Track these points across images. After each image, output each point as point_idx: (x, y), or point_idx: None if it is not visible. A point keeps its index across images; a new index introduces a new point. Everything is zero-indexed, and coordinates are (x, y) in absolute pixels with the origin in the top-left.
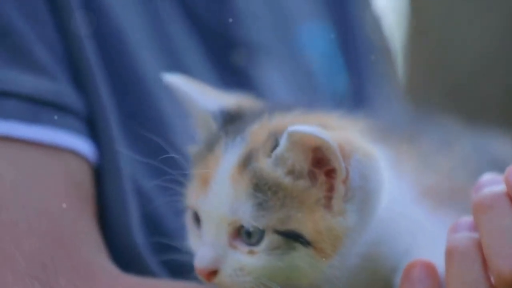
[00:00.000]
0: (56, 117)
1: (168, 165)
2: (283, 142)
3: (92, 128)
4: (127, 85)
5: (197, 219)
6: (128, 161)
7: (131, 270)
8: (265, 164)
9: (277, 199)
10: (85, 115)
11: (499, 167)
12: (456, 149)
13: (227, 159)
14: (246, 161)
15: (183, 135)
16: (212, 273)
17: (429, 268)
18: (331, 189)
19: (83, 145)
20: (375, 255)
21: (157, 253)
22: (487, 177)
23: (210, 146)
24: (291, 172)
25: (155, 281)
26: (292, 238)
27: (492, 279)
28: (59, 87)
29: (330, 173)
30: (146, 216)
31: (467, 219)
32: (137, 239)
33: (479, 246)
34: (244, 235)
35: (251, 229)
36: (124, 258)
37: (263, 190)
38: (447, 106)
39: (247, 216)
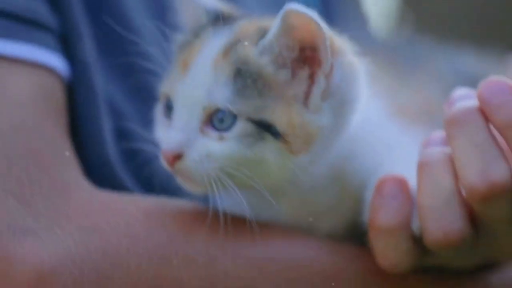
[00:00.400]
0: (29, 33)
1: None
2: (276, 22)
3: (65, 44)
4: (101, 1)
5: (169, 109)
6: (101, 77)
7: (105, 186)
8: (250, 50)
9: (255, 87)
10: (58, 31)
11: (473, 84)
12: (430, 66)
13: (211, 45)
14: (231, 48)
15: (157, 48)
16: (177, 158)
17: (401, 183)
18: (311, 85)
19: (56, 61)
20: (345, 171)
21: (129, 163)
22: (459, 91)
23: (196, 34)
24: (275, 62)
25: (129, 196)
26: (264, 128)
27: (463, 192)
28: (32, 4)
29: (314, 67)
30: (120, 133)
31: (440, 133)
32: (111, 155)
33: (450, 160)
34: (216, 121)
35: (224, 115)
36: (98, 174)
37: (244, 77)
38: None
39: (224, 100)
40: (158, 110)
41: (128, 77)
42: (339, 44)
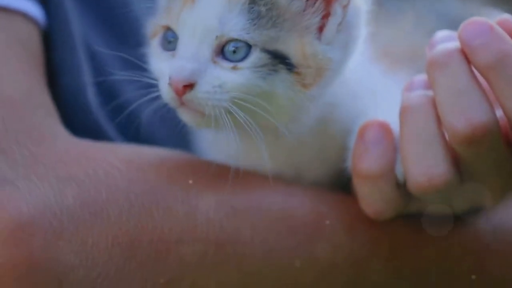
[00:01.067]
0: None
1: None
2: None
3: None
4: None
5: (169, 42)
6: (79, 24)
7: (86, 135)
8: None
9: (270, 17)
10: None
11: (457, 27)
12: (413, 9)
13: None
14: None
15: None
16: (188, 87)
17: (384, 128)
18: (325, 17)
19: (32, 8)
20: (331, 116)
21: (112, 118)
22: (441, 33)
23: None
24: None
25: (109, 145)
26: (279, 59)
27: (446, 135)
28: None
29: (330, 0)
30: (100, 82)
31: (422, 77)
32: (91, 102)
33: (433, 103)
34: (228, 52)
35: (238, 45)
36: (79, 123)
37: (258, 5)
38: None
39: (239, 29)
40: (154, 45)
41: (108, 24)
42: None
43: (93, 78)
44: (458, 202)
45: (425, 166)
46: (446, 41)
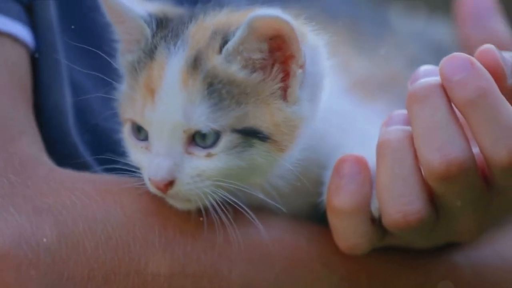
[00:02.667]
0: None
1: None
2: (241, 31)
3: (31, 16)
4: None
5: (139, 130)
6: (65, 52)
7: (65, 161)
8: (217, 62)
9: (232, 97)
10: (25, 2)
11: (439, 53)
12: (394, 34)
13: (172, 65)
14: (195, 63)
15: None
16: (169, 184)
17: (360, 163)
18: (285, 78)
19: (22, 31)
20: (306, 155)
21: (93, 152)
22: (424, 67)
23: (150, 53)
24: (245, 66)
25: (88, 175)
26: (251, 135)
27: (422, 172)
28: None
29: (285, 60)
30: (79, 109)
31: (401, 112)
32: (72, 129)
33: (411, 139)
34: (199, 139)
35: (207, 132)
36: (59, 149)
37: (218, 90)
38: None
39: (204, 119)
40: (126, 133)
41: (89, 53)
42: (301, 30)
43: (73, 104)
44: (433, 238)
45: (401, 203)
46: (428, 75)
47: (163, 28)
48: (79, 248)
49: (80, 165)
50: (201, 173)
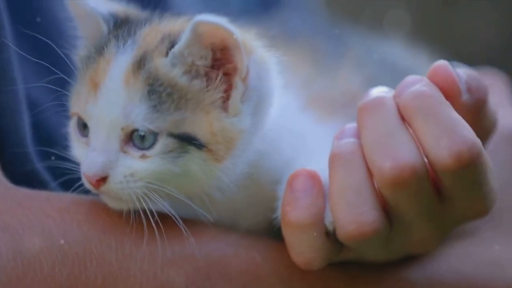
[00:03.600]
0: None
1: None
2: (186, 34)
3: None
4: None
5: (84, 126)
6: (19, 65)
7: (23, 180)
8: (161, 64)
9: (171, 101)
10: None
11: (395, 72)
12: (352, 54)
13: (118, 62)
14: (140, 63)
15: (71, 40)
16: (101, 180)
17: (313, 177)
18: (228, 89)
19: None
20: (259, 167)
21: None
22: (377, 88)
23: (100, 50)
24: (188, 72)
25: (45, 194)
26: (187, 141)
27: (374, 181)
28: None
29: (229, 71)
30: (35, 124)
31: (353, 125)
32: (29, 148)
33: (362, 150)
34: (137, 139)
35: (144, 133)
36: (16, 168)
37: (158, 92)
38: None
39: (141, 119)
40: (71, 127)
41: (45, 70)
42: (250, 43)
43: (30, 124)
44: (388, 250)
45: (354, 214)
46: (379, 93)
47: (119, 28)
48: (36, 266)
49: (38, 183)
50: (133, 173)
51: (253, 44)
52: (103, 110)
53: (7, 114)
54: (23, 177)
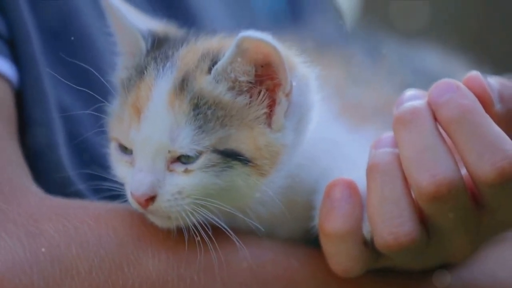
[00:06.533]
0: None
1: (93, 88)
2: (230, 50)
3: (14, 48)
4: (50, 4)
5: (125, 148)
6: (52, 83)
7: (58, 191)
8: (205, 82)
9: (216, 119)
10: (6, 35)
11: (430, 79)
12: (386, 62)
13: (160, 86)
14: (183, 84)
15: (109, 57)
16: (150, 200)
17: (350, 186)
18: (272, 104)
19: (4, 65)
20: (297, 178)
21: (86, 179)
22: (409, 92)
23: (140, 73)
24: (231, 88)
25: (79, 202)
26: (231, 156)
27: (412, 194)
28: None
29: (273, 87)
30: (72, 138)
31: (390, 134)
32: (63, 159)
33: (400, 161)
34: (184, 158)
35: (193, 155)
36: (51, 179)
37: (203, 111)
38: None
39: (189, 142)
40: (113, 148)
41: (78, 79)
42: (291, 59)
43: (66, 135)
44: (425, 259)
45: (392, 225)
46: (413, 99)
47: (158, 47)
48: (73, 271)
49: (72, 193)
50: (181, 190)
51: (294, 60)
52: (149, 135)
53: (39, 125)
54: (58, 187)
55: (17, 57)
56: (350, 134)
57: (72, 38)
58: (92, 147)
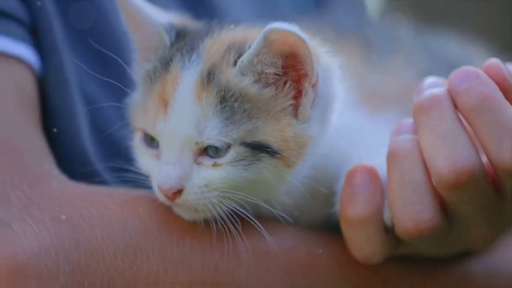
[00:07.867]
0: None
1: (114, 74)
2: (257, 42)
3: (36, 35)
4: None
5: (151, 139)
6: (74, 69)
7: (81, 177)
8: (231, 75)
9: (243, 111)
10: (28, 23)
11: (449, 67)
12: (405, 49)
13: (186, 77)
14: (210, 76)
15: (128, 46)
16: (177, 193)
17: (371, 173)
18: (297, 95)
19: (27, 52)
20: (320, 166)
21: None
22: (429, 79)
23: (165, 64)
24: (258, 80)
25: (103, 188)
26: (259, 149)
27: (433, 180)
28: None
29: (298, 78)
30: (95, 124)
31: (410, 121)
32: (87, 146)
33: (420, 148)
34: (211, 151)
35: (220, 146)
36: (75, 165)
37: (230, 104)
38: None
39: (216, 134)
40: (137, 140)
41: (101, 66)
42: (316, 49)
43: (89, 122)
44: (446, 246)
45: (412, 212)
46: (433, 87)
47: (181, 39)
48: (98, 256)
49: (96, 179)
50: (208, 184)
51: (319, 51)
52: (176, 127)
53: (62, 112)
54: (82, 173)
55: (39, 45)
56: (370, 121)
57: (94, 26)
58: (116, 140)
